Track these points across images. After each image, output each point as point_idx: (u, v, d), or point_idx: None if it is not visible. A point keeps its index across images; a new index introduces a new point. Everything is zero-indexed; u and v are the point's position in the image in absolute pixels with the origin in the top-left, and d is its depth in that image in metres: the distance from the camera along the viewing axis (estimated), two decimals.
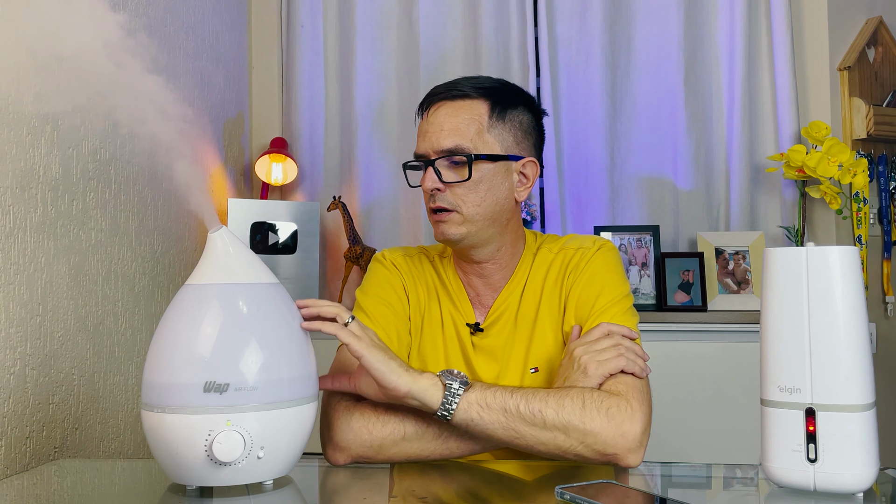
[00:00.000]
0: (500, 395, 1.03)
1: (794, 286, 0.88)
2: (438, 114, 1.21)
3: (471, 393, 1.02)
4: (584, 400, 1.04)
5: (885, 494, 0.94)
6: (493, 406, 1.03)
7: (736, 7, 2.47)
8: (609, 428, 1.03)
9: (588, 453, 1.04)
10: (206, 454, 0.90)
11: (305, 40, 2.68)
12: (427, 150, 1.21)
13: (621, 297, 1.20)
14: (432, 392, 1.02)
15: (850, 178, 2.27)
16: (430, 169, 1.19)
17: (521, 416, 1.02)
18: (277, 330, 0.96)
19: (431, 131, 1.21)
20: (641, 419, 1.05)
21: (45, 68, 1.53)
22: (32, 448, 1.46)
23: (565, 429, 1.02)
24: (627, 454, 1.03)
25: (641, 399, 1.07)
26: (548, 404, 1.03)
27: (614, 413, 1.04)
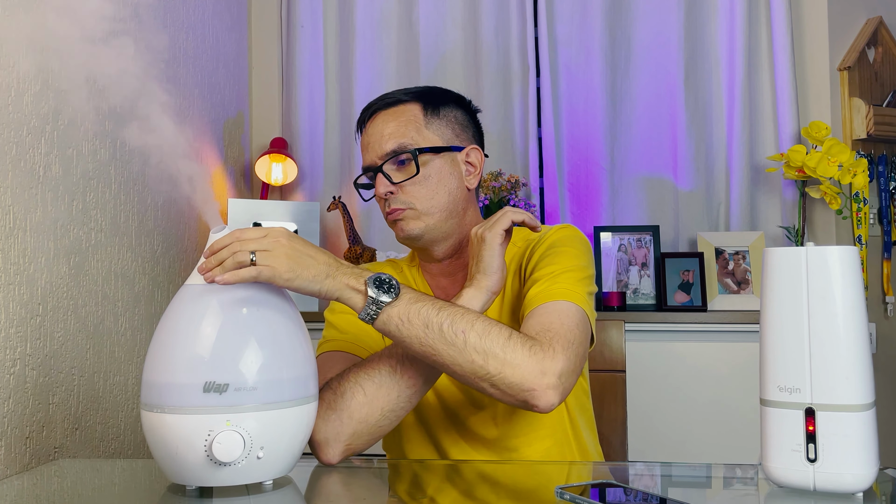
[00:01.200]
0: (426, 310, 1.01)
1: (794, 286, 0.88)
2: (376, 123, 1.26)
3: (394, 307, 1.00)
4: (511, 333, 1.02)
5: (885, 494, 0.94)
6: (414, 322, 1.00)
7: (736, 7, 2.47)
8: (529, 361, 1.00)
9: (503, 385, 1.00)
10: (206, 454, 0.90)
11: (305, 40, 2.68)
12: (372, 159, 1.24)
13: (572, 268, 1.17)
14: (355, 298, 1.01)
15: (850, 178, 2.27)
16: (380, 175, 1.22)
17: (443, 334, 1.00)
18: (277, 330, 0.96)
19: (373, 141, 1.24)
20: (563, 361, 1.02)
21: (45, 68, 1.53)
22: (32, 448, 1.46)
23: (485, 354, 1.00)
24: (544, 391, 0.99)
25: (566, 345, 1.04)
26: (473, 327, 1.01)
27: (536, 350, 1.01)
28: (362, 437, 1.08)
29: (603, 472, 1.15)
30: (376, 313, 1.00)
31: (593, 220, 2.53)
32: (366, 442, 1.09)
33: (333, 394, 1.08)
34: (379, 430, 1.09)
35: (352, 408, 1.07)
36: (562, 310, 1.09)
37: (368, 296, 1.00)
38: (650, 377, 2.21)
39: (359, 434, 1.08)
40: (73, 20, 0.90)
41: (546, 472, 1.13)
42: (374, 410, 1.07)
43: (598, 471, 1.16)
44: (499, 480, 1.08)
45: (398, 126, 1.23)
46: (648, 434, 2.18)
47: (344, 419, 1.07)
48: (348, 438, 1.08)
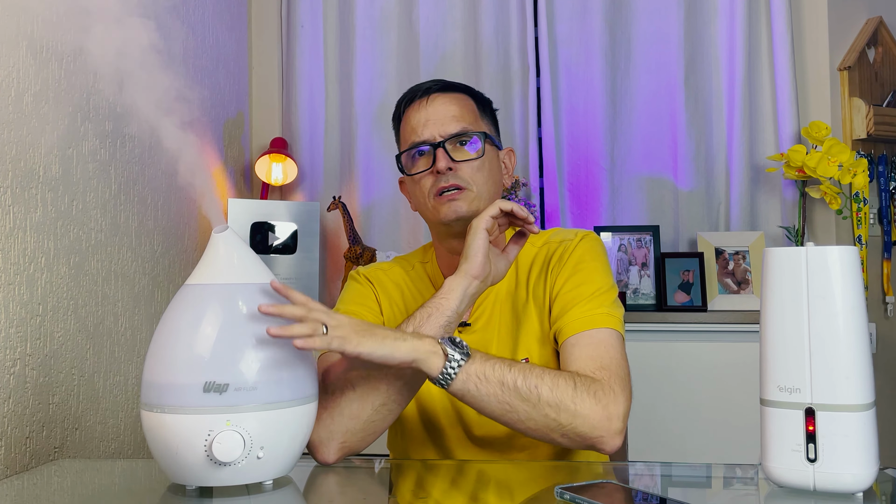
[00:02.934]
0: (499, 368, 1.03)
1: (794, 286, 0.88)
2: (436, 103, 1.25)
3: (471, 365, 1.02)
4: (576, 382, 1.05)
5: (885, 494, 0.94)
6: (491, 379, 1.03)
7: (736, 7, 2.47)
8: (597, 410, 1.04)
9: (574, 435, 1.04)
10: (206, 454, 0.90)
11: (305, 40, 2.68)
12: (432, 135, 1.23)
13: (606, 289, 1.20)
14: (433, 360, 1.01)
15: (850, 178, 2.27)
16: (441, 150, 1.22)
17: (518, 390, 1.03)
18: None
19: (434, 118, 1.24)
20: (624, 402, 1.06)
21: (45, 68, 1.53)
22: (32, 448, 1.46)
23: (557, 407, 1.03)
24: (612, 437, 1.04)
25: (623, 384, 1.08)
26: (543, 381, 1.04)
27: (601, 396, 1.05)
28: (356, 435, 1.09)
29: (603, 472, 1.15)
30: (456, 373, 1.01)
31: (593, 220, 2.53)
32: (360, 439, 1.09)
33: (324, 393, 1.08)
34: (372, 426, 1.09)
35: (342, 405, 1.08)
36: (607, 341, 1.13)
37: (448, 355, 1.01)
38: (650, 377, 2.21)
39: (352, 431, 1.08)
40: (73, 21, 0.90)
41: (546, 472, 1.13)
42: (364, 406, 1.08)
43: (598, 471, 1.16)
44: (499, 480, 1.08)
45: (461, 110, 1.25)
46: (648, 434, 2.18)
47: (335, 417, 1.08)
48: (342, 436, 1.08)
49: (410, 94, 1.28)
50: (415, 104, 1.27)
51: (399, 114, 1.30)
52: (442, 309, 1.10)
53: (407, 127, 1.27)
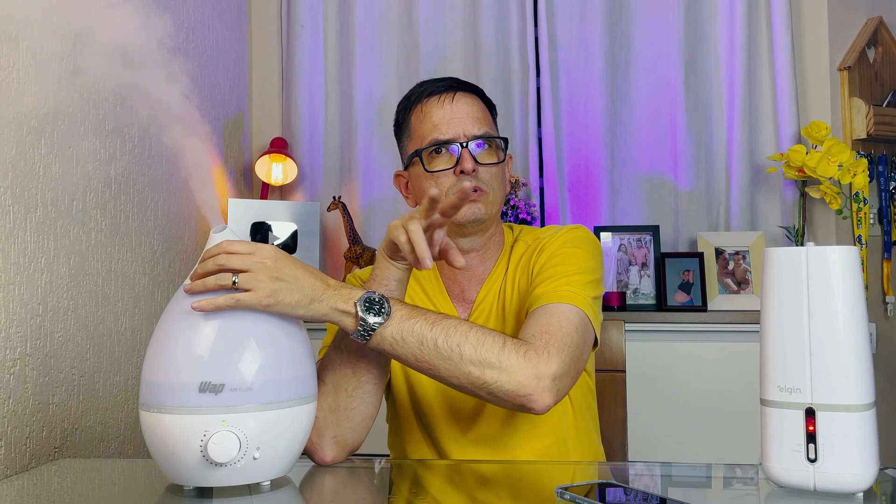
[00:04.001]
0: (419, 327, 1.01)
1: (794, 286, 0.88)
2: (460, 102, 1.25)
3: (386, 328, 1.00)
4: (505, 341, 1.03)
5: (885, 494, 0.94)
6: (408, 340, 1.01)
7: (736, 7, 2.47)
8: (525, 367, 1.01)
9: (500, 392, 1.01)
10: (202, 455, 0.90)
11: (305, 40, 2.68)
12: (457, 133, 1.23)
13: (580, 271, 1.18)
14: (347, 321, 1.00)
15: (850, 178, 2.27)
16: (466, 151, 1.22)
17: (438, 349, 1.01)
18: (274, 330, 0.96)
19: (459, 117, 1.23)
20: (557, 363, 1.03)
21: (45, 68, 1.53)
22: (32, 448, 1.46)
23: (481, 365, 1.01)
24: (540, 395, 1.01)
25: (560, 347, 1.05)
26: (468, 339, 1.01)
27: (531, 355, 1.02)
28: (343, 426, 1.10)
29: (603, 472, 1.15)
30: (369, 334, 1.00)
31: (593, 220, 2.53)
32: (351, 430, 1.10)
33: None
34: (356, 413, 1.10)
35: (320, 401, 1.09)
36: (562, 312, 1.10)
37: (359, 318, 0.99)
38: (650, 377, 2.21)
39: (337, 423, 1.10)
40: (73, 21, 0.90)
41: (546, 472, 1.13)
42: (339, 395, 1.09)
43: (598, 471, 1.16)
44: (499, 480, 1.08)
45: (482, 113, 1.26)
46: (648, 434, 2.18)
47: (318, 414, 1.09)
48: (331, 430, 1.09)
49: (430, 88, 1.26)
50: (436, 99, 1.25)
51: (410, 105, 1.28)
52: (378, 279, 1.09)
53: (426, 122, 1.24)
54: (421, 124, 1.25)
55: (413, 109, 1.27)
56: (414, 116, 1.27)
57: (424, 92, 1.27)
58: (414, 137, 1.27)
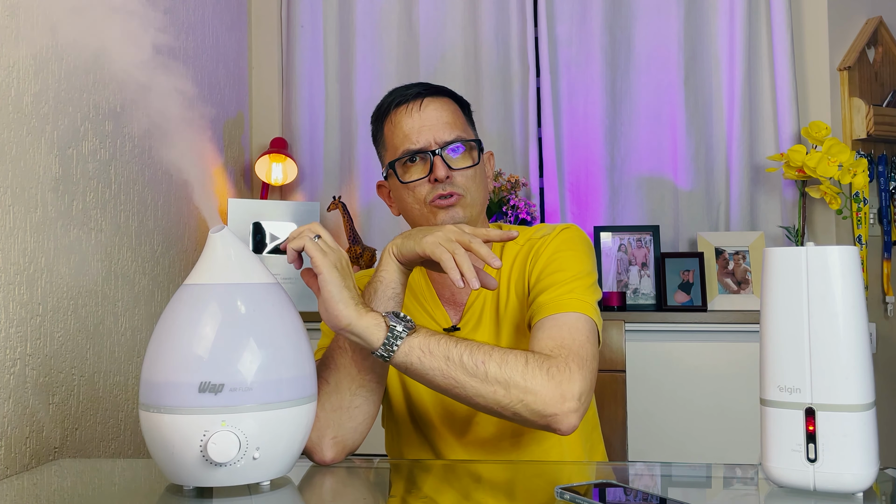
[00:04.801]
0: (445, 343, 1.02)
1: (794, 286, 0.88)
2: (428, 108, 1.24)
3: (414, 338, 1.01)
4: (528, 358, 1.03)
5: (885, 494, 0.94)
6: (435, 353, 1.01)
7: (736, 7, 2.47)
8: (549, 387, 1.01)
9: (526, 412, 1.01)
10: (202, 454, 0.90)
11: (305, 40, 2.68)
12: (428, 142, 1.23)
13: (580, 275, 1.18)
14: (374, 331, 1.00)
15: (850, 178, 2.27)
16: (439, 158, 1.22)
17: (464, 365, 1.01)
18: (274, 330, 0.96)
19: (429, 125, 1.23)
20: (580, 382, 1.03)
21: (45, 68, 1.53)
22: (32, 448, 1.46)
23: (506, 384, 1.01)
24: (566, 416, 1.01)
25: (581, 364, 1.05)
26: (491, 357, 1.01)
27: (555, 373, 1.02)
28: (344, 426, 1.10)
29: (603, 472, 1.15)
30: (398, 346, 1.00)
31: (593, 220, 2.53)
32: (351, 430, 1.10)
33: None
34: (358, 413, 1.10)
35: (322, 400, 1.09)
36: (573, 323, 1.10)
37: (390, 328, 1.00)
38: (650, 377, 2.21)
39: (339, 423, 1.09)
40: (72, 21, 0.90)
41: (546, 472, 1.13)
42: (342, 394, 1.09)
43: (598, 471, 1.16)
44: (499, 481, 1.08)
45: (453, 117, 1.25)
46: (648, 434, 2.18)
47: (319, 414, 1.09)
48: (331, 431, 1.09)
49: (398, 98, 1.26)
50: (404, 108, 1.25)
51: (382, 116, 1.28)
52: (385, 283, 1.10)
53: (397, 132, 1.25)
54: (393, 135, 1.26)
55: (385, 120, 1.28)
56: (386, 127, 1.27)
57: (393, 102, 1.26)
58: (388, 148, 1.27)
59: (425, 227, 1.12)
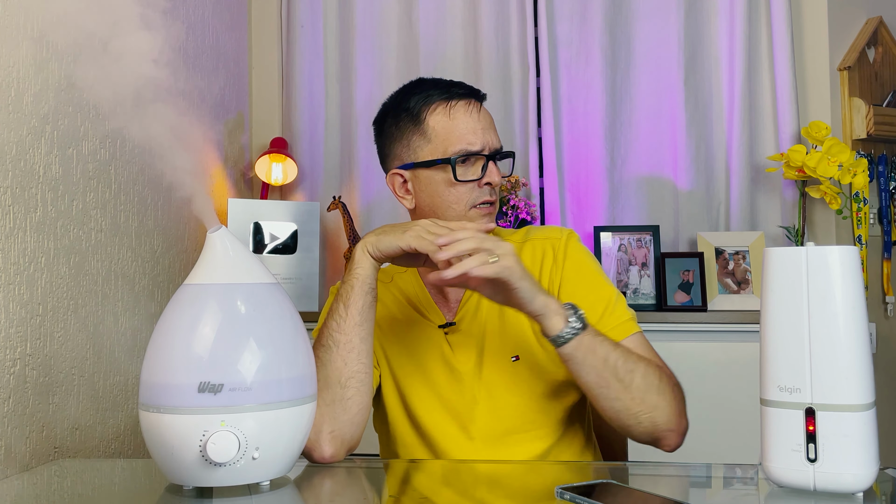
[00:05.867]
0: (606, 346, 1.09)
1: (794, 286, 0.88)
2: (483, 113, 1.26)
3: (585, 336, 1.08)
4: (660, 374, 1.13)
5: (885, 494, 0.94)
6: (597, 353, 1.08)
7: (736, 7, 2.47)
8: (674, 404, 1.13)
9: (649, 425, 1.11)
10: (201, 454, 0.90)
11: (305, 40, 2.68)
12: (484, 145, 1.24)
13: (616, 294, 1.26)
14: (556, 320, 1.07)
15: (850, 178, 2.27)
16: (494, 164, 1.25)
17: (616, 371, 1.09)
18: (274, 330, 0.96)
19: (483, 128, 1.25)
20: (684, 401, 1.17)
21: (45, 68, 1.53)
22: (32, 448, 1.46)
23: (644, 394, 1.10)
24: (679, 434, 1.14)
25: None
26: (638, 367, 1.11)
27: (677, 392, 1.15)
28: (338, 419, 1.11)
29: (603, 472, 1.15)
30: (570, 337, 1.07)
31: (593, 220, 2.53)
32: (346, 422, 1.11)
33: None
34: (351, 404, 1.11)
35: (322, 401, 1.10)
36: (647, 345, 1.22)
37: (569, 321, 1.07)
38: None
39: (333, 416, 1.10)
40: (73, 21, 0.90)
41: (546, 472, 1.13)
42: (333, 387, 1.11)
43: (598, 471, 1.16)
44: (498, 480, 1.08)
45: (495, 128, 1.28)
46: None
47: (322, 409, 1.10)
48: (328, 426, 1.10)
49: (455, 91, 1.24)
50: (464, 104, 1.24)
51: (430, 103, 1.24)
52: (361, 279, 1.13)
53: (456, 128, 1.23)
54: (448, 129, 1.23)
55: (434, 110, 1.24)
56: (436, 118, 1.23)
57: (453, 94, 1.24)
58: (433, 140, 1.23)
59: (398, 224, 1.15)
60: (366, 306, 1.13)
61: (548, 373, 1.23)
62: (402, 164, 1.27)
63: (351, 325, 1.12)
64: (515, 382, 1.23)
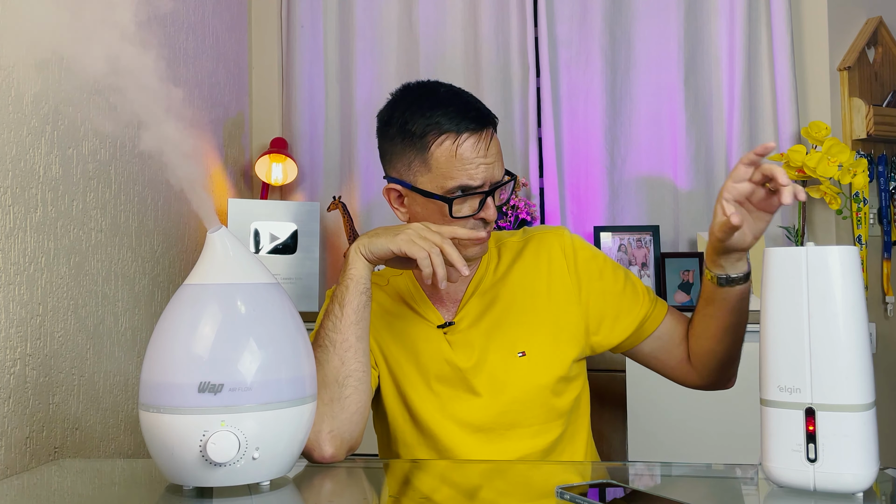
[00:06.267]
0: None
1: (794, 286, 0.88)
2: (493, 146, 1.20)
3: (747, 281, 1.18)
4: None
5: (885, 494, 0.94)
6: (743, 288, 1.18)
7: (736, 7, 2.47)
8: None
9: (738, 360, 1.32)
10: (201, 454, 0.90)
11: (305, 40, 2.68)
12: (485, 180, 1.19)
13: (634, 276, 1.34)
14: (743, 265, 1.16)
15: (849, 178, 2.27)
16: (491, 200, 1.20)
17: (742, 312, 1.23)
18: (274, 330, 0.96)
19: (489, 162, 1.19)
20: None
21: (44, 68, 1.53)
22: (32, 448, 1.46)
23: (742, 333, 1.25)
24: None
25: None
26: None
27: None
28: (337, 418, 1.11)
29: (603, 472, 1.15)
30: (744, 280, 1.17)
31: (593, 220, 2.53)
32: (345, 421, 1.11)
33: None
34: (350, 402, 1.12)
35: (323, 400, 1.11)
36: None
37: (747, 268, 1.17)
38: (650, 377, 2.20)
39: (332, 415, 1.11)
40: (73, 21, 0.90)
41: (546, 472, 1.13)
42: (331, 387, 1.12)
43: (598, 471, 1.17)
44: (498, 480, 1.08)
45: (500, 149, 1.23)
46: (648, 434, 2.18)
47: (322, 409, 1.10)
48: (328, 425, 1.10)
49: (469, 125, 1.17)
50: (474, 141, 1.17)
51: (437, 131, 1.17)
52: (356, 279, 1.15)
53: (457, 163, 1.16)
54: (451, 166, 1.17)
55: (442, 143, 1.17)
56: (441, 151, 1.17)
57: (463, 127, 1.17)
58: (434, 171, 1.17)
59: (391, 227, 1.16)
60: (361, 305, 1.14)
61: (554, 367, 1.24)
62: (399, 179, 1.23)
63: (347, 325, 1.13)
64: (522, 378, 1.24)
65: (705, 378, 1.31)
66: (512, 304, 1.27)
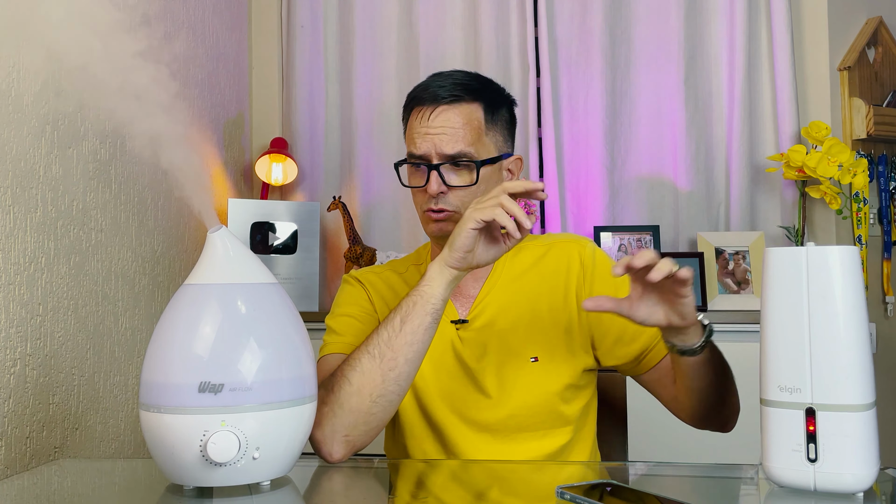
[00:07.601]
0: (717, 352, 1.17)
1: (794, 286, 0.88)
2: (439, 117, 1.20)
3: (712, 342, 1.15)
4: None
5: (885, 494, 0.94)
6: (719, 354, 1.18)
7: (736, 7, 2.47)
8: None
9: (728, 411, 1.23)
10: (202, 454, 0.90)
11: (305, 40, 2.68)
12: (429, 152, 1.20)
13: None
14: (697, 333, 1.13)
15: (850, 178, 2.27)
16: (434, 173, 1.20)
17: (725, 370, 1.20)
18: (274, 330, 0.96)
19: (434, 134, 1.20)
20: None
21: (45, 68, 1.53)
22: (32, 448, 1.46)
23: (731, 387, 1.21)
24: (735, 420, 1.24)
25: None
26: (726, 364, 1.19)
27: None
28: (358, 428, 1.09)
29: (603, 472, 1.15)
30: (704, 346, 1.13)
31: (593, 220, 2.53)
32: (363, 433, 1.10)
33: (324, 390, 1.09)
34: (374, 419, 1.09)
35: (341, 399, 1.08)
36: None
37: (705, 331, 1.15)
38: None
39: (353, 425, 1.09)
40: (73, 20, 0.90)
41: (546, 471, 1.13)
42: (363, 399, 1.08)
43: (598, 471, 1.17)
44: (499, 480, 1.08)
45: (464, 130, 1.20)
46: (648, 434, 2.17)
47: (336, 412, 1.08)
48: (345, 430, 1.08)
49: (421, 95, 1.23)
50: (419, 110, 1.22)
51: (407, 105, 1.26)
52: (426, 297, 1.09)
53: (409, 132, 1.24)
54: (408, 130, 1.25)
55: (408, 112, 1.26)
56: (409, 119, 1.26)
57: (414, 96, 1.24)
58: (406, 141, 1.26)
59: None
60: (422, 327, 1.08)
61: (566, 375, 1.25)
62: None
63: (401, 343, 1.07)
64: (534, 383, 1.24)
65: (697, 423, 1.27)
66: (528, 308, 1.26)
